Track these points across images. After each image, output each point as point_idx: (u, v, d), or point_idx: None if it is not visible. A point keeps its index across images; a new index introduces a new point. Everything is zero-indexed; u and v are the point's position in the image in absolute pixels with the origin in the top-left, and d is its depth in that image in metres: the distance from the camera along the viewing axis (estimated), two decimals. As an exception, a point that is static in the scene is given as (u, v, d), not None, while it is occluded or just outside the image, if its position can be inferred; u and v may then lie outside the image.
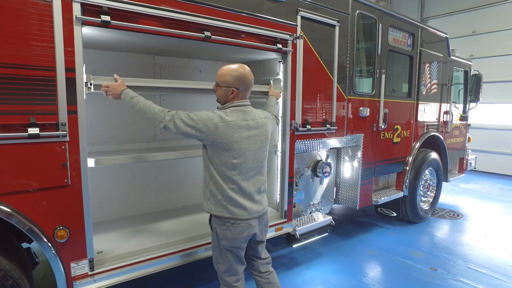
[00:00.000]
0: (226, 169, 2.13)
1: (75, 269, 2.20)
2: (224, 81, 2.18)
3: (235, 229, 2.16)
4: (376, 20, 4.21)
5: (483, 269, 3.87)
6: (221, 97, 2.23)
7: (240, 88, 2.18)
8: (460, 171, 6.65)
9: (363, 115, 4.16)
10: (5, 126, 1.89)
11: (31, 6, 1.92)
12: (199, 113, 2.12)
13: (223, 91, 2.20)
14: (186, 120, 2.09)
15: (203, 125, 2.07)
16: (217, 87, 2.24)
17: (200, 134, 2.08)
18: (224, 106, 2.22)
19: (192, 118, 2.09)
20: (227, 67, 2.21)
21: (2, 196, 1.92)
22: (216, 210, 2.18)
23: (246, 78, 2.20)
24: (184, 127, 2.08)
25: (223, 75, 2.19)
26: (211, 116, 2.10)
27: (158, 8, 2.36)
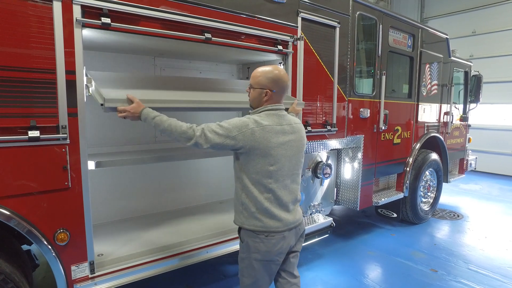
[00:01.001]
0: (262, 177, 1.98)
1: (75, 272, 2.19)
2: (257, 83, 2.07)
3: (269, 241, 2.00)
4: (376, 21, 4.21)
5: (484, 270, 3.87)
6: (255, 99, 2.11)
7: (274, 90, 2.05)
8: (460, 172, 6.65)
9: (363, 116, 4.16)
10: (5, 129, 1.88)
11: (31, 8, 1.91)
12: (231, 120, 1.97)
13: (257, 93, 2.08)
14: (218, 130, 1.93)
15: (238, 132, 1.92)
16: (250, 89, 2.13)
17: (236, 143, 1.93)
18: (257, 110, 2.09)
19: (224, 126, 1.93)
20: (262, 68, 2.10)
21: (2, 199, 1.91)
22: (249, 224, 2.02)
23: (281, 80, 2.08)
24: (217, 138, 1.92)
25: (257, 76, 2.08)
26: (245, 121, 1.96)
27: (159, 10, 2.35)
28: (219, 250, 2.89)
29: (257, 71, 2.10)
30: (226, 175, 4.21)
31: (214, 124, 1.98)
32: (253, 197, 1.99)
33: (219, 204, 4.04)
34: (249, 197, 2.01)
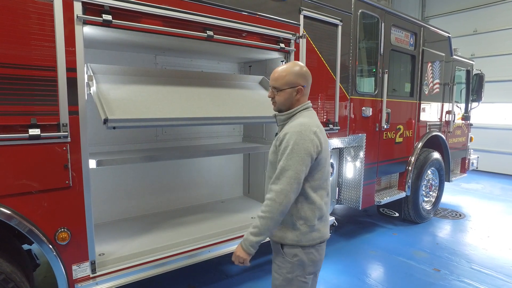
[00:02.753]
0: (323, 181, 1.86)
1: (76, 272, 2.18)
2: (286, 83, 1.86)
3: (322, 248, 1.90)
4: (378, 20, 4.18)
5: (487, 269, 3.84)
6: (286, 101, 1.89)
7: (305, 85, 1.90)
8: (462, 171, 6.62)
9: (365, 115, 4.13)
10: (6, 127, 1.86)
11: (32, 5, 1.89)
12: (294, 138, 1.73)
13: (287, 94, 1.87)
14: (298, 158, 1.71)
15: (312, 146, 1.74)
16: (277, 93, 1.89)
17: (314, 158, 1.77)
18: (297, 109, 1.88)
19: (297, 151, 1.71)
20: (282, 68, 1.91)
21: (2, 198, 1.89)
22: (307, 240, 1.83)
23: (307, 73, 1.92)
24: (304, 168, 1.73)
25: (282, 76, 1.87)
26: (306, 125, 1.77)
27: (160, 7, 2.33)
28: (221, 250, 2.88)
29: (280, 71, 1.89)
30: (227, 174, 4.21)
31: (288, 155, 1.73)
32: (316, 206, 1.82)
33: (220, 203, 4.02)
34: (312, 207, 1.82)
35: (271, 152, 1.93)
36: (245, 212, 3.62)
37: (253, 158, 4.19)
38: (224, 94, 2.98)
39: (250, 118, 2.76)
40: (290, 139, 1.75)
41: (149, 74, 2.82)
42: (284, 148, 1.76)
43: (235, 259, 1.85)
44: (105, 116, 2.01)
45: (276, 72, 1.92)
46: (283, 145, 1.77)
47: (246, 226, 3.12)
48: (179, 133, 3.70)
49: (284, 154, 1.75)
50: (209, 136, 3.94)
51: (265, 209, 1.74)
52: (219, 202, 4.06)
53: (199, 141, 3.85)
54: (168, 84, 2.80)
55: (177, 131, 3.68)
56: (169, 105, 2.47)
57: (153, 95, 2.54)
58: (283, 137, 1.79)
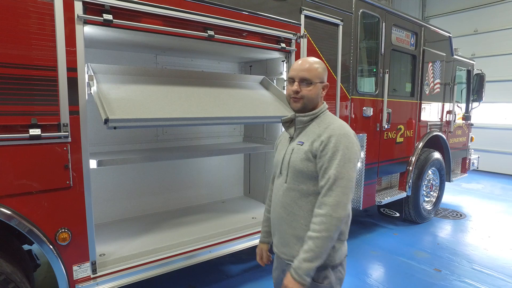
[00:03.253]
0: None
1: (77, 272, 2.17)
2: (318, 76, 1.64)
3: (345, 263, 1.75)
4: (379, 19, 4.18)
5: (488, 270, 3.84)
6: (315, 98, 1.67)
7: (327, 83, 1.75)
8: (463, 171, 6.61)
9: (366, 115, 4.13)
10: (6, 127, 1.85)
11: (32, 5, 1.88)
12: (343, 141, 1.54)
13: (318, 89, 1.66)
14: (351, 165, 1.53)
15: (359, 151, 1.60)
16: (307, 87, 1.64)
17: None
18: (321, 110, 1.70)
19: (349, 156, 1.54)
20: (311, 59, 1.69)
21: (2, 198, 1.88)
22: (340, 256, 1.65)
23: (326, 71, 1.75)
24: (356, 175, 1.56)
25: (315, 68, 1.64)
26: (347, 127, 1.61)
27: (161, 7, 2.33)
28: (222, 250, 2.87)
29: (312, 62, 1.66)
30: (228, 174, 4.20)
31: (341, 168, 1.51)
32: (350, 216, 1.62)
33: (221, 203, 4.01)
34: (348, 221, 1.64)
35: (301, 159, 1.61)
36: (246, 212, 3.61)
37: (253, 158, 4.18)
38: (224, 94, 2.97)
39: (251, 118, 2.75)
40: (339, 143, 1.53)
41: (150, 74, 2.81)
42: (332, 154, 1.52)
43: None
44: (105, 116, 2.01)
45: (307, 62, 1.66)
46: (329, 150, 1.53)
47: (247, 226, 3.11)
48: (180, 133, 3.70)
49: (333, 160, 1.51)
50: (210, 136, 3.94)
51: (320, 227, 1.48)
52: (220, 202, 4.05)
53: (200, 141, 3.84)
54: (169, 84, 2.79)
55: (177, 131, 3.68)
56: (169, 105, 2.47)
57: (153, 95, 2.53)
58: (327, 141, 1.54)
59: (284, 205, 1.67)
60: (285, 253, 1.69)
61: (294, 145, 1.68)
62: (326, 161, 1.53)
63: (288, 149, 1.71)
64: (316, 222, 1.50)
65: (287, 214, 1.66)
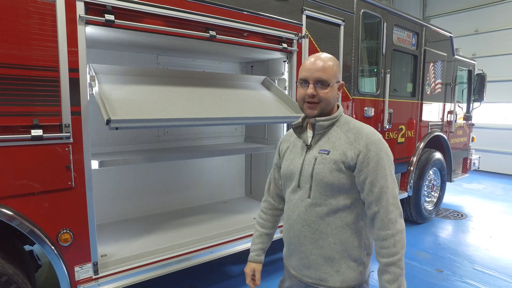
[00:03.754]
0: None
1: (79, 273, 2.16)
2: (335, 75, 1.48)
3: None
4: (380, 19, 4.17)
5: (489, 270, 3.83)
6: (333, 100, 1.51)
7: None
8: (464, 171, 6.60)
9: (367, 115, 4.12)
10: (8, 127, 1.85)
11: (34, 5, 1.88)
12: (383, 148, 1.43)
13: (335, 90, 1.49)
14: (393, 172, 1.46)
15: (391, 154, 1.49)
16: (324, 89, 1.46)
17: None
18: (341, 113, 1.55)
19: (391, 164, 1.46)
20: (325, 56, 1.49)
21: (4, 199, 1.88)
22: (367, 273, 1.57)
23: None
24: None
25: (330, 67, 1.46)
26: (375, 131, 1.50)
27: (163, 7, 2.32)
28: (223, 251, 2.86)
29: (326, 60, 1.47)
30: (229, 174, 4.19)
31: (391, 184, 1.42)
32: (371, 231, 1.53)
33: (222, 204, 4.01)
34: (372, 230, 1.50)
35: (331, 170, 1.43)
36: (247, 212, 3.61)
37: (255, 158, 4.17)
38: (226, 95, 2.97)
39: (252, 118, 2.75)
40: (380, 151, 1.40)
41: (151, 74, 2.81)
42: (376, 163, 1.39)
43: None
44: (107, 117, 2.00)
45: (320, 60, 1.47)
46: (372, 160, 1.39)
47: (248, 227, 3.10)
48: (181, 133, 3.69)
49: (379, 170, 1.39)
50: (211, 137, 3.93)
51: (396, 249, 1.38)
52: (221, 202, 4.05)
53: (201, 142, 3.83)
54: (170, 84, 2.79)
55: (178, 132, 3.67)
56: (171, 106, 2.46)
57: (155, 95, 2.53)
58: (366, 150, 1.40)
59: (308, 222, 1.49)
60: (310, 276, 1.53)
61: (316, 154, 1.47)
62: (371, 172, 1.39)
63: (307, 158, 1.50)
64: (390, 244, 1.39)
65: (312, 233, 1.48)
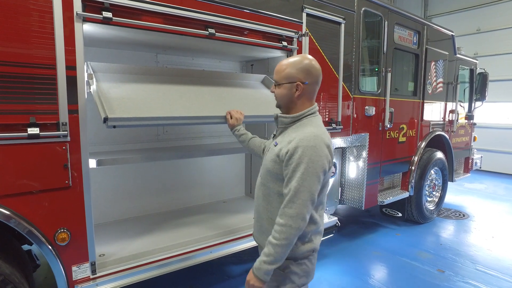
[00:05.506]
0: (320, 196, 1.71)
1: (76, 273, 2.15)
2: (285, 76, 1.68)
3: (314, 258, 1.81)
4: (381, 18, 4.14)
5: (492, 271, 3.80)
6: (283, 98, 1.72)
7: (306, 82, 1.68)
8: (466, 171, 6.57)
9: (368, 114, 4.09)
10: (4, 126, 1.83)
11: (31, 2, 1.86)
12: (308, 154, 1.55)
13: (286, 89, 1.69)
14: (314, 178, 1.55)
15: (326, 162, 1.59)
16: (276, 87, 1.75)
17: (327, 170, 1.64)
18: (304, 114, 1.70)
19: (313, 170, 1.55)
20: (287, 59, 1.72)
21: (1, 198, 1.86)
22: (301, 252, 1.72)
23: (314, 68, 1.70)
24: (319, 187, 1.59)
25: (282, 70, 1.70)
26: (320, 139, 1.59)
27: (161, 5, 2.30)
28: (223, 250, 2.84)
29: (282, 64, 1.72)
30: (229, 174, 4.17)
31: (302, 176, 1.54)
32: (313, 221, 1.69)
33: (222, 203, 3.99)
34: (309, 223, 1.66)
35: (271, 160, 1.70)
36: (247, 212, 3.58)
37: (255, 158, 4.15)
38: (225, 93, 2.94)
39: (252, 117, 2.72)
40: (304, 156, 1.54)
41: (150, 73, 2.78)
42: (296, 165, 1.55)
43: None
44: (105, 114, 1.98)
45: (279, 65, 1.73)
46: (294, 161, 1.55)
47: (248, 227, 3.08)
48: (180, 132, 3.67)
49: (296, 172, 1.54)
50: (211, 136, 3.91)
51: (280, 236, 1.55)
52: (221, 202, 4.02)
53: (201, 141, 3.81)
54: (169, 83, 2.77)
55: (178, 131, 3.65)
56: (170, 104, 2.44)
57: (154, 93, 2.51)
58: (293, 151, 1.56)
59: (257, 196, 1.83)
60: (262, 242, 1.81)
61: (271, 144, 1.78)
62: (290, 171, 1.58)
63: (267, 145, 1.85)
64: (276, 230, 1.58)
65: (258, 205, 1.84)
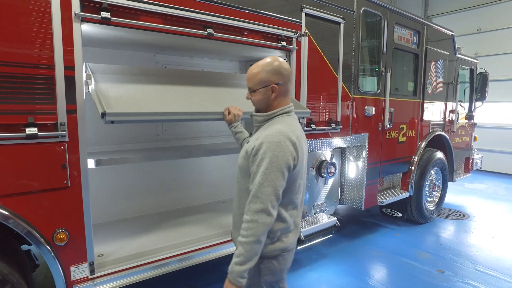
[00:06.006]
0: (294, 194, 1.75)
1: (75, 273, 2.15)
2: (259, 82, 1.74)
3: (283, 258, 1.79)
4: (381, 18, 4.14)
5: (492, 271, 3.79)
6: (260, 102, 1.78)
7: (280, 82, 1.74)
8: (466, 171, 6.56)
9: (368, 114, 4.09)
10: (2, 126, 1.83)
11: (29, 2, 1.86)
12: (272, 150, 1.59)
13: (262, 94, 1.75)
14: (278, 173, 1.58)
15: (290, 157, 1.62)
16: (251, 94, 1.80)
17: (292, 169, 1.66)
18: (276, 113, 1.76)
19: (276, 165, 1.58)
20: (256, 64, 1.77)
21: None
22: (268, 251, 1.73)
23: (283, 68, 1.76)
24: (283, 183, 1.62)
25: (254, 75, 1.75)
26: (285, 135, 1.63)
27: (160, 5, 2.30)
28: (222, 250, 2.84)
29: (253, 70, 1.77)
30: (228, 174, 4.16)
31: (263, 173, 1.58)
32: (280, 220, 1.71)
33: (221, 203, 3.98)
34: (276, 222, 1.69)
35: (241, 156, 1.78)
36: (247, 212, 3.58)
37: (254, 157, 4.14)
38: (224, 93, 2.94)
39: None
40: (268, 151, 1.59)
41: (149, 74, 2.78)
42: (260, 161, 1.60)
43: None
44: (102, 110, 1.97)
45: (250, 71, 1.78)
46: (259, 157, 1.61)
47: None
48: (180, 132, 3.67)
49: (260, 167, 1.59)
50: (210, 136, 3.91)
51: (247, 233, 1.57)
52: (220, 202, 4.02)
53: (200, 141, 3.81)
54: (168, 83, 2.77)
55: (177, 131, 3.65)
56: (168, 102, 2.44)
57: (152, 93, 2.51)
58: (258, 147, 1.62)
59: (236, 191, 1.88)
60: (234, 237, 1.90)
61: (246, 141, 1.86)
62: (255, 167, 1.62)
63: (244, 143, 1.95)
64: (244, 227, 1.60)
65: (233, 202, 1.93)
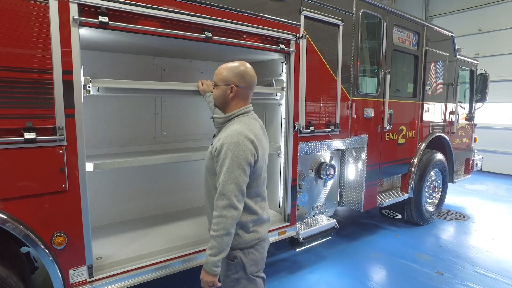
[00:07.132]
0: (260, 187, 1.95)
1: (73, 276, 2.15)
2: (222, 79, 1.93)
3: (261, 247, 1.97)
4: (380, 19, 4.13)
5: (491, 273, 3.78)
6: (219, 98, 1.96)
7: (240, 86, 1.92)
8: (466, 172, 6.55)
9: (367, 116, 4.09)
10: (1, 130, 1.84)
11: (27, 7, 1.86)
12: (232, 149, 1.74)
13: (221, 90, 1.93)
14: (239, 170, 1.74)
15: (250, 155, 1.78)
16: (214, 87, 2.00)
17: (253, 165, 1.82)
18: (235, 114, 1.92)
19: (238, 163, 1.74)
20: (226, 64, 1.99)
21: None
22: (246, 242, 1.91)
23: (248, 75, 1.94)
24: (246, 178, 1.78)
25: (220, 72, 1.95)
26: (243, 134, 1.78)
27: (158, 9, 2.30)
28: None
29: (221, 67, 1.97)
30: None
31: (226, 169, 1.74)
32: (252, 212, 1.91)
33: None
34: (247, 213, 1.89)
35: (207, 158, 1.93)
36: (246, 214, 3.58)
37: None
38: None
39: None
40: (228, 151, 1.74)
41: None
42: (222, 160, 1.76)
43: (204, 285, 1.83)
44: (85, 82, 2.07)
45: (219, 68, 1.98)
46: (221, 157, 1.77)
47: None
48: (179, 134, 3.68)
49: (223, 167, 1.74)
50: (209, 138, 3.91)
51: (217, 227, 1.73)
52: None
53: (199, 143, 3.82)
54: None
55: (176, 133, 3.66)
56: None
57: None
58: (220, 148, 1.78)
59: (205, 192, 2.02)
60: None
61: (210, 146, 1.96)
62: (219, 167, 1.79)
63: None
64: (214, 223, 1.76)
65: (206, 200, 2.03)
